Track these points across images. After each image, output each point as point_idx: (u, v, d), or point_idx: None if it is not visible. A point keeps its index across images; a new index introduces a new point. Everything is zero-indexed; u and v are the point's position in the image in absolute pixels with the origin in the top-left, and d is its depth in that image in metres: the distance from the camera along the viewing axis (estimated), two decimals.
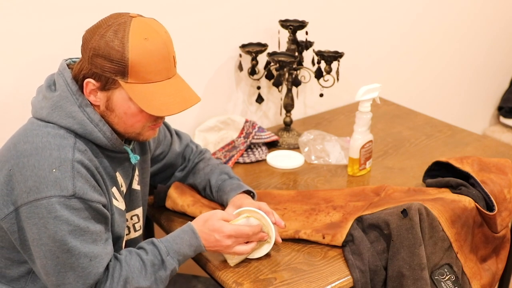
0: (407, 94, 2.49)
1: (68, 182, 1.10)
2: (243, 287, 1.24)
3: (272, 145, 1.86)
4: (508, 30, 2.87)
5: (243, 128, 1.84)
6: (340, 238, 1.34)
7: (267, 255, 1.33)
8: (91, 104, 1.18)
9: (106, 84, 1.15)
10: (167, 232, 1.49)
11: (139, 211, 1.37)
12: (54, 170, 1.10)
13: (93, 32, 1.14)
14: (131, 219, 1.35)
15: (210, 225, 1.24)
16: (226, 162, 1.72)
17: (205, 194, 1.51)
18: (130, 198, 1.34)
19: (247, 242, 1.27)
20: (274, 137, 1.83)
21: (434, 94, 2.66)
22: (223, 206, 1.46)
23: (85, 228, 1.12)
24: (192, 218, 1.46)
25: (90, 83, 1.15)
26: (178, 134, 1.54)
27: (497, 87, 3.00)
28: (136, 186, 1.35)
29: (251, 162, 1.76)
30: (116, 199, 1.24)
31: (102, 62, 1.12)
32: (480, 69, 2.83)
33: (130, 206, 1.34)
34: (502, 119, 3.00)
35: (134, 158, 1.28)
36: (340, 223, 1.39)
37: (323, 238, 1.36)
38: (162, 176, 1.54)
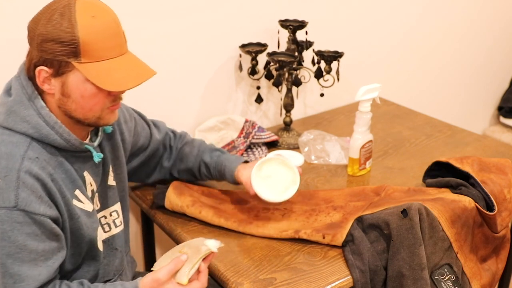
0: (407, 94, 2.49)
1: (11, 193, 1.07)
2: (243, 287, 1.24)
3: (272, 145, 1.86)
4: (508, 30, 2.87)
5: (243, 128, 1.84)
6: (340, 238, 1.34)
7: (267, 255, 1.33)
8: (47, 106, 1.15)
9: (60, 69, 1.10)
10: (167, 232, 1.49)
11: (117, 206, 1.35)
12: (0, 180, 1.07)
13: (38, 19, 1.11)
14: (110, 215, 1.33)
15: None
16: None
17: (200, 175, 1.54)
18: (106, 195, 1.32)
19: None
20: (274, 137, 1.83)
21: (434, 94, 2.66)
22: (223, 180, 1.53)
23: (22, 246, 1.08)
24: (191, 218, 1.47)
25: (43, 71, 1.11)
26: (154, 123, 1.54)
27: (497, 87, 3.00)
28: (111, 182, 1.33)
29: None
30: (81, 201, 1.21)
31: (52, 46, 1.08)
32: (480, 69, 2.83)
33: (107, 203, 1.32)
34: (502, 119, 3.00)
35: (97, 157, 1.23)
36: (340, 223, 1.39)
37: (323, 238, 1.36)
38: (148, 168, 1.54)
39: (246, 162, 1.50)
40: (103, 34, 1.10)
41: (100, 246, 1.27)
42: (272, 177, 1.43)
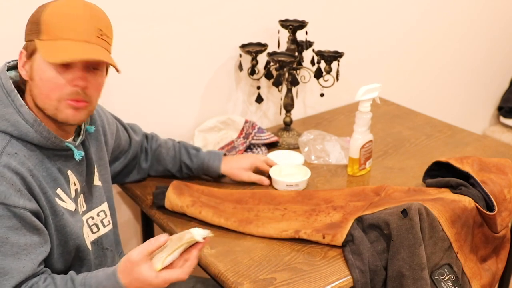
0: (407, 94, 2.49)
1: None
2: (243, 287, 1.24)
3: (272, 145, 1.86)
4: (508, 30, 2.87)
5: (242, 129, 1.84)
6: (340, 238, 1.34)
7: (267, 255, 1.33)
8: (27, 104, 1.16)
9: (28, 49, 1.14)
10: (167, 232, 1.49)
11: (104, 206, 1.35)
12: None
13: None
14: (98, 215, 1.33)
15: (136, 274, 1.12)
16: None
17: (182, 174, 1.62)
18: (92, 195, 1.32)
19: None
20: (274, 138, 1.83)
21: (434, 94, 2.66)
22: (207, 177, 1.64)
23: (4, 239, 1.07)
24: (191, 218, 1.47)
25: (22, 54, 1.16)
26: (131, 127, 1.57)
27: (497, 87, 3.00)
28: (97, 182, 1.34)
29: None
30: (63, 200, 1.20)
31: (28, 27, 1.15)
32: (480, 69, 2.83)
33: (93, 203, 1.32)
34: (502, 119, 3.00)
35: (78, 155, 1.23)
36: (340, 223, 1.39)
37: (323, 238, 1.36)
38: (128, 170, 1.58)
39: (224, 154, 1.62)
40: (66, 16, 1.12)
41: (89, 246, 1.27)
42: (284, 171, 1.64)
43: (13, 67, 1.22)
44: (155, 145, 1.60)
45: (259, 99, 1.88)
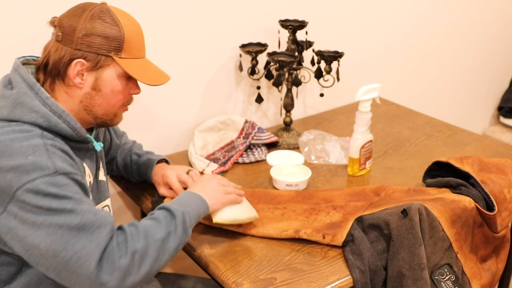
0: (407, 94, 2.49)
1: (47, 162, 1.09)
2: (243, 287, 1.24)
3: (272, 145, 1.86)
4: (508, 30, 2.87)
5: (242, 129, 1.84)
6: (340, 238, 1.34)
7: (267, 255, 1.34)
8: (52, 96, 1.20)
9: (98, 63, 1.19)
10: None
11: (108, 201, 1.38)
12: (30, 157, 1.08)
13: (76, 17, 1.18)
14: (102, 209, 1.34)
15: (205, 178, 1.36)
16: (225, 162, 1.72)
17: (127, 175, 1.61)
18: (98, 189, 1.34)
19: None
20: (274, 138, 1.83)
21: (434, 94, 2.66)
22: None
23: (75, 197, 1.10)
24: None
25: (79, 63, 1.18)
26: (114, 129, 1.60)
27: (497, 87, 3.00)
28: (102, 177, 1.36)
29: (251, 163, 1.76)
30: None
31: (96, 40, 1.17)
32: (480, 69, 2.83)
33: (99, 197, 1.34)
34: (502, 119, 3.01)
35: (98, 146, 1.28)
36: (340, 223, 1.39)
37: (323, 238, 1.36)
38: (110, 166, 1.61)
39: (165, 161, 1.58)
40: (137, 35, 1.24)
41: None
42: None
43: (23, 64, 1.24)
44: (128, 144, 1.61)
45: (259, 99, 1.88)
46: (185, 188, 1.44)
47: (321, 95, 1.88)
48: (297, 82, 1.83)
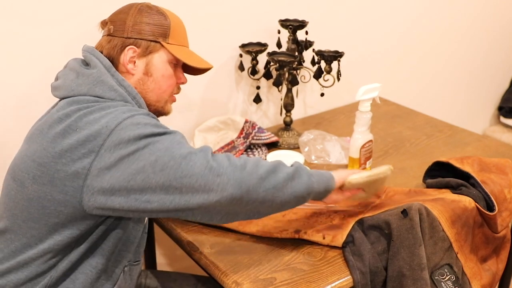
0: (407, 94, 2.49)
1: (142, 112, 1.17)
2: (243, 287, 1.24)
3: (272, 145, 1.86)
4: (508, 30, 2.87)
5: (242, 129, 1.84)
6: (340, 239, 1.34)
7: (267, 255, 1.33)
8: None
9: (148, 48, 1.26)
10: (167, 232, 1.49)
11: None
12: (123, 107, 1.16)
13: (125, 13, 1.27)
14: None
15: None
16: None
17: None
18: None
19: None
20: (274, 138, 1.83)
21: (434, 94, 2.66)
22: None
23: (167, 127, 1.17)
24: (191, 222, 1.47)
25: (132, 49, 1.25)
26: None
27: (497, 87, 3.00)
28: None
29: None
30: None
31: (145, 27, 1.26)
32: (480, 69, 2.83)
33: None
34: (502, 119, 3.00)
35: None
36: (341, 225, 1.39)
37: (324, 238, 1.36)
38: None
39: None
40: (181, 25, 1.34)
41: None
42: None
43: None
44: None
45: (258, 99, 1.88)
46: None
47: (321, 95, 1.87)
48: (294, 82, 1.83)
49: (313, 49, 1.85)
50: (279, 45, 1.87)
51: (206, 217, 1.15)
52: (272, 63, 1.82)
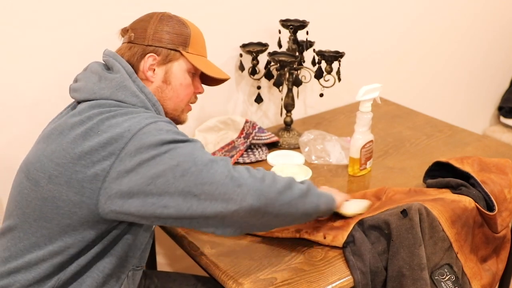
0: (408, 94, 2.49)
1: (164, 119, 1.17)
2: (243, 287, 1.24)
3: (272, 145, 1.86)
4: (508, 30, 2.87)
5: (243, 129, 1.84)
6: (341, 239, 1.34)
7: (267, 255, 1.34)
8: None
9: (168, 56, 1.28)
10: (167, 232, 1.49)
11: None
12: (146, 113, 1.16)
13: (146, 21, 1.30)
14: None
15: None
16: None
17: None
18: None
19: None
20: (274, 138, 1.83)
21: (435, 94, 2.66)
22: None
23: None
24: None
25: (152, 57, 1.27)
26: None
27: (497, 87, 3.00)
28: None
29: (251, 162, 1.76)
30: None
31: (166, 36, 1.28)
32: (480, 69, 2.83)
33: None
34: (503, 119, 3.00)
35: None
36: (341, 226, 1.39)
37: (324, 238, 1.36)
38: None
39: None
40: (201, 36, 1.36)
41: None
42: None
43: None
44: None
45: (259, 99, 1.88)
46: None
47: (321, 95, 1.88)
48: (297, 82, 1.83)
49: (314, 49, 1.86)
50: (279, 45, 1.87)
51: (220, 228, 1.14)
52: (272, 63, 1.82)
